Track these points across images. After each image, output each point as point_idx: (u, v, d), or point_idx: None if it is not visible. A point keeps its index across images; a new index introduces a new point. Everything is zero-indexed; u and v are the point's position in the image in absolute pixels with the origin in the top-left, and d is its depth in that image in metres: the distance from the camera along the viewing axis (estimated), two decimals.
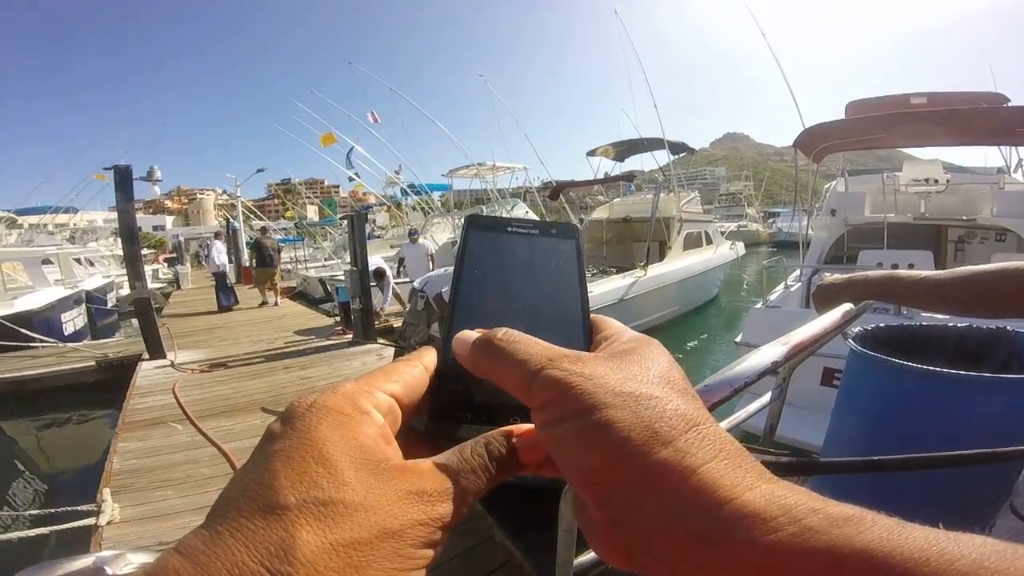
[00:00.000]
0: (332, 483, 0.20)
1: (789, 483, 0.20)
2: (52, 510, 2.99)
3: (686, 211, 12.28)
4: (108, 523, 2.77)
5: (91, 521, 2.79)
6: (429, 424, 0.26)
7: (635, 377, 0.24)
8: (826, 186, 8.78)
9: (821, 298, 1.10)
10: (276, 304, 11.21)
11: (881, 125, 6.21)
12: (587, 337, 0.29)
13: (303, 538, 0.19)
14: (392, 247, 15.28)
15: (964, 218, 6.70)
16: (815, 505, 0.19)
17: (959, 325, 1.51)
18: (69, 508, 2.91)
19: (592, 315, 0.30)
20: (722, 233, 15.32)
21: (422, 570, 0.21)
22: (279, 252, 11.99)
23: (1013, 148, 7.92)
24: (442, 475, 0.23)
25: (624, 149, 15.68)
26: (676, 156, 14.81)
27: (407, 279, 9.33)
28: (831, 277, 1.11)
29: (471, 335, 0.27)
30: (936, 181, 7.54)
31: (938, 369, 1.32)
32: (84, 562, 0.22)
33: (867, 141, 6.95)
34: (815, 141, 6.74)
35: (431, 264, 9.43)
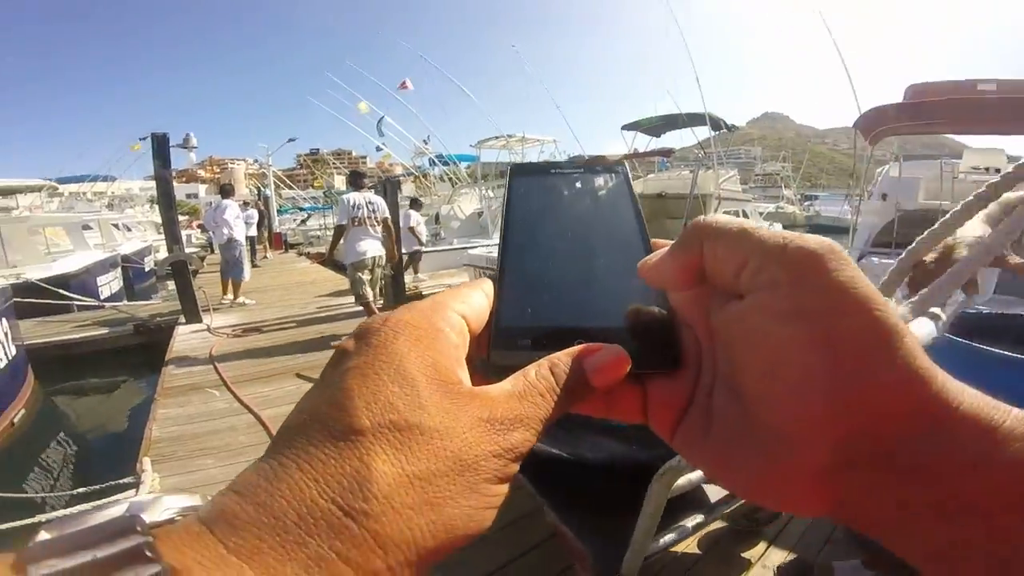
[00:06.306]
0: (408, 405, 0.19)
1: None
2: (96, 486, 2.96)
3: (724, 189, 11.94)
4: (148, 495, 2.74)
5: (131, 493, 2.75)
6: (489, 353, 0.24)
7: None
8: (878, 171, 8.51)
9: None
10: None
11: (947, 111, 5.95)
12: None
13: (379, 468, 0.17)
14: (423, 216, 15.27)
15: None
16: None
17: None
18: (112, 483, 2.88)
19: (655, 241, 0.28)
20: (760, 214, 14.84)
21: (495, 510, 0.19)
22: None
23: None
24: (511, 401, 0.21)
25: (662, 124, 15.18)
26: (716, 133, 14.29)
27: None
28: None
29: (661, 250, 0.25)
30: (998, 170, 7.21)
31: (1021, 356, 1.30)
32: (117, 510, 0.20)
33: (929, 127, 6.67)
34: (875, 123, 6.45)
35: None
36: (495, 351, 0.24)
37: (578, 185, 0.31)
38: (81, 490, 2.89)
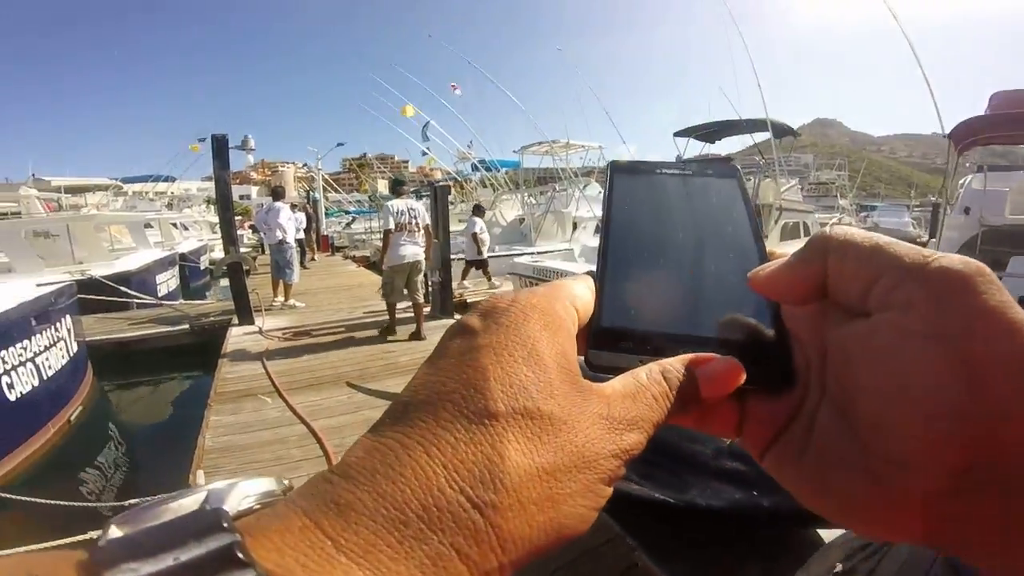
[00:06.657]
0: (541, 392, 0.18)
1: None
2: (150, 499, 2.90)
3: (785, 200, 11.35)
4: None
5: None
6: (588, 352, 0.23)
7: None
8: (960, 182, 7.83)
9: None
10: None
11: None
12: None
13: (511, 458, 0.16)
14: (460, 221, 15.17)
15: None
16: None
17: None
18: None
19: (772, 250, 0.26)
20: (822, 225, 14.09)
21: (597, 513, 0.18)
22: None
23: None
24: (626, 401, 0.19)
25: (719, 129, 14.61)
26: (779, 140, 13.61)
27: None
28: None
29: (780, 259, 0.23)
30: None
31: None
32: (194, 498, 0.18)
33: None
34: (973, 133, 5.96)
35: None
36: (594, 351, 0.23)
37: (687, 185, 0.30)
38: (133, 501, 2.79)
